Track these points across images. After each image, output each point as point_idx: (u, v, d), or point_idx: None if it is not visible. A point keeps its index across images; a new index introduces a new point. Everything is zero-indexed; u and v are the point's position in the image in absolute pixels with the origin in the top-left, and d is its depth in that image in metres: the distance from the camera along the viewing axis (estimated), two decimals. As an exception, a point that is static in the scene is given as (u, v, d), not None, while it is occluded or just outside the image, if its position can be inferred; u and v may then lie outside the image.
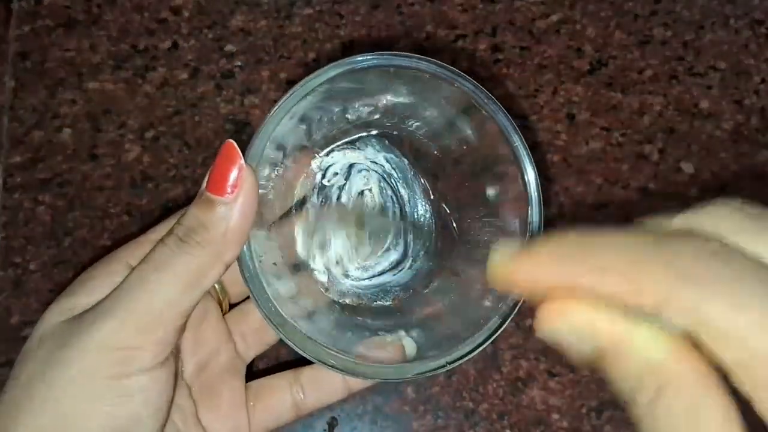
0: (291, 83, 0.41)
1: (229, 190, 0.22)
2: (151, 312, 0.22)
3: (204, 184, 0.23)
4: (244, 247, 0.23)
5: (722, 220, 0.14)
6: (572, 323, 0.14)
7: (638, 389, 0.13)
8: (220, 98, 0.41)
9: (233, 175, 0.22)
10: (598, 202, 0.40)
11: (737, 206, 0.14)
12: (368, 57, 0.24)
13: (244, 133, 0.41)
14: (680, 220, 0.14)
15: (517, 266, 0.15)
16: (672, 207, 0.16)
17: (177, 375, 0.24)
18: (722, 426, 0.12)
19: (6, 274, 0.38)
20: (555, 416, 0.37)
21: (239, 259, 0.24)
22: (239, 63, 0.42)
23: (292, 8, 0.43)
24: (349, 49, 0.42)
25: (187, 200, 0.39)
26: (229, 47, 0.42)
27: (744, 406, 0.13)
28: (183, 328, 0.23)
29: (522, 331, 0.38)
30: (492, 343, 0.24)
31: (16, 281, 0.38)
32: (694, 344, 0.13)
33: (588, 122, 0.41)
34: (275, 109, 0.23)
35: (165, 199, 0.39)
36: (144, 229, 0.39)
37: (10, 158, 0.40)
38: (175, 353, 0.24)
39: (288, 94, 0.23)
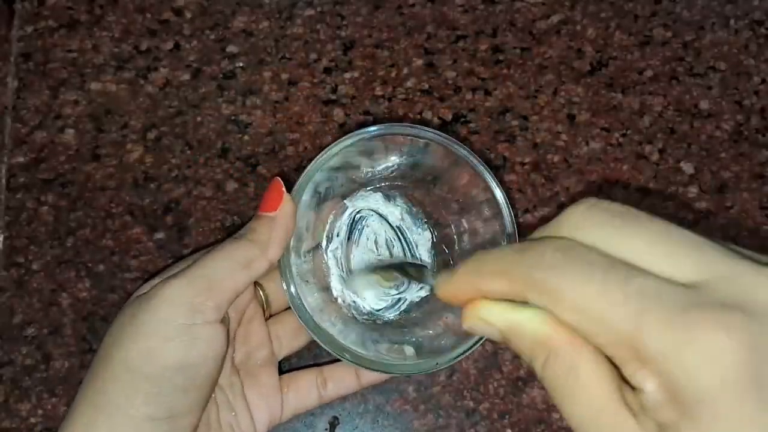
0: (293, 84, 0.42)
1: (273, 210, 0.30)
2: (212, 278, 0.28)
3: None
4: (287, 269, 0.30)
5: (581, 219, 0.18)
6: (479, 317, 0.20)
7: (533, 359, 0.18)
8: (221, 99, 0.41)
9: (277, 200, 0.30)
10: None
11: (589, 205, 0.18)
12: (384, 127, 0.31)
13: (245, 133, 0.41)
14: (551, 226, 0.19)
15: (445, 287, 0.21)
16: (671, 207, 0.17)
17: (229, 339, 0.30)
18: (593, 370, 0.17)
19: (9, 273, 0.38)
20: (555, 416, 0.37)
21: (283, 278, 0.30)
22: (241, 64, 0.42)
23: (294, 9, 0.43)
24: (350, 49, 0.42)
25: (189, 200, 0.40)
26: (230, 48, 0.42)
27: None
28: (232, 302, 0.29)
29: (523, 331, 0.38)
30: (481, 345, 0.30)
31: (19, 281, 0.38)
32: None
33: (588, 122, 0.42)
34: (312, 162, 0.31)
35: (167, 199, 0.40)
36: (147, 229, 0.39)
37: (13, 158, 0.40)
38: (227, 323, 0.30)
39: (319, 155, 0.31)
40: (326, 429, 0.37)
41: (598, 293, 0.16)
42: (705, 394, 0.15)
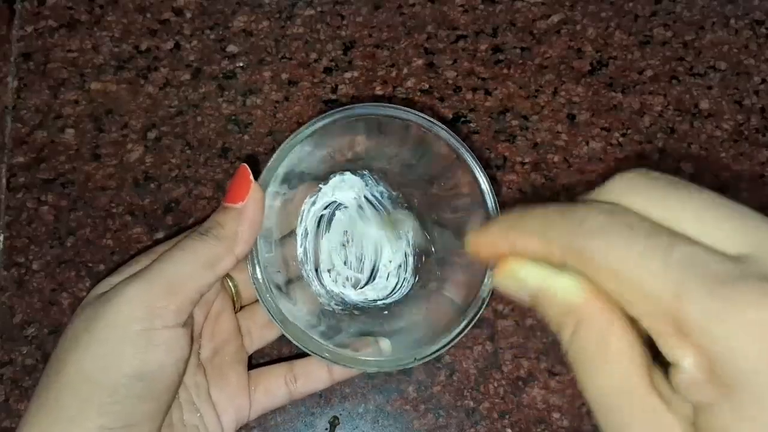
0: (293, 84, 0.42)
1: (241, 200, 0.28)
2: (174, 280, 0.26)
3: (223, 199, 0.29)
4: (255, 257, 0.28)
5: (628, 185, 0.18)
6: (512, 276, 0.19)
7: (562, 327, 0.17)
8: (222, 99, 0.41)
9: (245, 190, 0.28)
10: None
11: (637, 173, 0.18)
12: (357, 107, 0.29)
13: (246, 133, 0.41)
14: (597, 192, 0.18)
15: (478, 239, 0.20)
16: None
17: (193, 340, 0.29)
18: (624, 346, 0.16)
19: (9, 273, 0.38)
20: (555, 415, 0.37)
21: (251, 267, 0.28)
22: (241, 64, 0.42)
23: (294, 9, 0.43)
24: (350, 49, 0.42)
25: (189, 200, 0.40)
26: (231, 48, 0.42)
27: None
28: (196, 303, 0.27)
29: (522, 331, 0.38)
30: (460, 339, 0.28)
31: (19, 281, 0.38)
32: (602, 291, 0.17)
33: (588, 122, 0.42)
34: (282, 145, 0.28)
35: (167, 199, 0.40)
36: (147, 229, 0.39)
37: (14, 158, 0.40)
38: (191, 325, 0.28)
39: (292, 135, 0.28)
40: (326, 429, 0.37)
41: (639, 259, 0.15)
42: (748, 373, 0.14)
